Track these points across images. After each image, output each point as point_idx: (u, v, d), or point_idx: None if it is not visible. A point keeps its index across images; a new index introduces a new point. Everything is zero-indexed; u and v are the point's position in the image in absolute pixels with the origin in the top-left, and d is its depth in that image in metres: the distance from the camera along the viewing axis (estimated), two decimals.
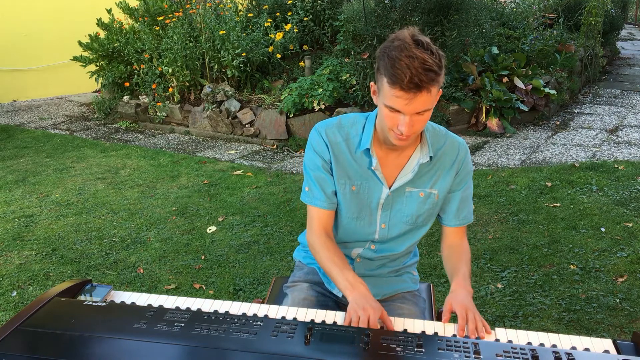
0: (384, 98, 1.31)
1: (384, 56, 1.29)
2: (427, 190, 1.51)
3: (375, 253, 1.59)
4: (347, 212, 1.53)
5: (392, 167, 1.49)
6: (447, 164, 1.51)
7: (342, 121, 1.52)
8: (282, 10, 6.40)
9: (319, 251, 1.48)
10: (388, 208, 1.52)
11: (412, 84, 1.23)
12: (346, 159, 1.49)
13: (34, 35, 7.35)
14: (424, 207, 1.53)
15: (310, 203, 1.52)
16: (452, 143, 1.51)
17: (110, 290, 1.41)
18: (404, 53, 1.24)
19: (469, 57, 5.81)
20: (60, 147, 5.41)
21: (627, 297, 2.66)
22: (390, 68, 1.25)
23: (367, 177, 1.50)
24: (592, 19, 7.18)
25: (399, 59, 1.24)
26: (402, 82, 1.24)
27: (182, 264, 3.13)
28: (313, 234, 1.52)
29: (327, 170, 1.50)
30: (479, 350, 1.13)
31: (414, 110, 1.28)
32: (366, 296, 1.33)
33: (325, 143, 1.49)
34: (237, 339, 1.15)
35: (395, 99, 1.27)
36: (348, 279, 1.39)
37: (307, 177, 1.53)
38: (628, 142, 5.04)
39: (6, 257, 3.26)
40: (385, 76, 1.28)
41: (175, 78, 5.82)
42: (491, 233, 3.36)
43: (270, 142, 5.37)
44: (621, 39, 10.95)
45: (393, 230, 1.55)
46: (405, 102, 1.27)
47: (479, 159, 4.73)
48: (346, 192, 1.51)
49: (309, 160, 1.52)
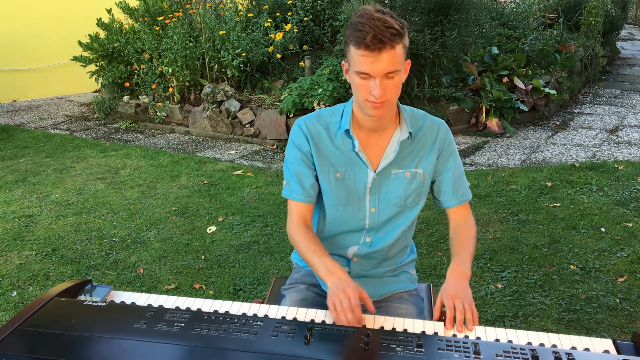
0: (353, 65, 1.35)
1: (349, 26, 1.35)
2: (412, 170, 1.53)
3: (370, 247, 1.59)
4: (334, 200, 1.55)
5: (374, 150, 1.52)
6: (428, 142, 1.53)
7: (321, 113, 1.56)
8: (282, 10, 6.40)
9: (298, 241, 1.50)
10: (376, 192, 1.54)
11: (375, 39, 1.28)
12: (327, 147, 1.52)
13: (34, 35, 7.35)
14: (411, 187, 1.54)
15: (288, 196, 1.56)
16: (431, 123, 1.55)
17: (110, 290, 1.41)
18: (365, 17, 1.31)
19: (469, 57, 5.81)
20: (60, 147, 5.41)
21: (627, 297, 2.66)
22: (354, 32, 1.32)
23: (351, 163, 1.52)
24: (592, 19, 7.18)
25: (361, 22, 1.31)
26: (365, 39, 1.29)
27: (182, 264, 3.13)
28: (292, 226, 1.54)
29: (306, 163, 1.54)
30: (479, 350, 1.13)
31: (382, 70, 1.32)
32: (344, 279, 1.35)
33: (305, 134, 1.53)
34: (237, 339, 1.15)
35: (362, 60, 1.31)
36: (327, 265, 1.40)
37: (286, 171, 1.57)
38: (628, 142, 5.04)
39: (6, 257, 3.26)
40: (351, 43, 1.33)
41: (175, 78, 5.82)
42: (491, 233, 3.36)
43: (270, 142, 5.37)
44: (621, 39, 10.96)
45: (383, 214, 1.56)
46: (372, 59, 1.30)
47: (479, 159, 4.73)
48: (331, 180, 1.53)
49: (289, 153, 1.57)
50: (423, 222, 3.48)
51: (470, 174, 4.33)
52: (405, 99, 5.23)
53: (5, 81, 7.44)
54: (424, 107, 5.26)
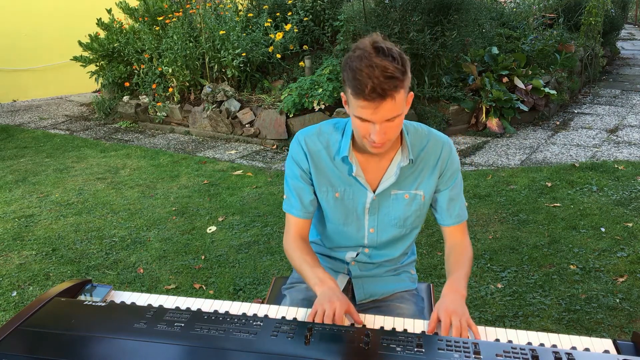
0: (352, 109, 1.31)
1: (346, 67, 1.28)
2: (412, 192, 1.51)
3: (370, 258, 1.60)
4: (333, 219, 1.54)
5: (374, 172, 1.49)
6: (430, 164, 1.50)
7: (322, 128, 1.52)
8: (282, 10, 6.40)
9: (292, 254, 1.50)
10: (375, 212, 1.52)
11: (374, 93, 1.22)
12: (327, 166, 1.50)
13: (34, 35, 7.35)
14: (411, 208, 1.52)
15: (287, 211, 1.55)
16: (435, 142, 1.50)
17: (110, 290, 1.41)
18: (364, 63, 1.23)
19: (469, 57, 5.81)
20: (60, 147, 5.41)
21: (627, 297, 2.66)
22: (352, 80, 1.25)
23: (349, 183, 1.50)
24: (592, 19, 7.18)
25: (359, 69, 1.23)
26: (364, 92, 1.23)
27: (182, 264, 3.13)
28: (289, 240, 1.54)
29: (305, 180, 1.52)
30: (479, 350, 1.13)
31: (382, 118, 1.28)
32: (334, 290, 1.34)
33: (304, 152, 1.50)
34: (237, 339, 1.15)
35: (362, 110, 1.27)
36: (318, 275, 1.40)
37: (286, 185, 1.56)
38: (628, 142, 5.04)
39: (6, 257, 3.26)
40: (349, 87, 1.27)
41: (175, 78, 5.82)
42: (491, 233, 3.36)
43: (270, 142, 5.37)
44: (621, 39, 10.96)
45: (382, 235, 1.55)
46: (371, 111, 1.26)
47: (479, 159, 4.73)
48: (329, 199, 1.52)
49: (288, 169, 1.54)
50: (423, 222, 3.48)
51: (470, 174, 4.33)
52: None
53: (5, 81, 7.44)
54: (424, 107, 5.26)
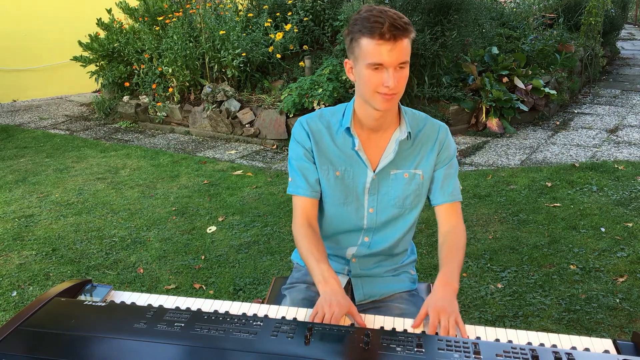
0: (365, 57, 1.34)
1: (356, 23, 1.35)
2: (411, 171, 1.53)
3: (369, 248, 1.59)
4: (333, 199, 1.55)
5: (374, 150, 1.52)
6: (428, 144, 1.54)
7: (323, 112, 1.57)
8: (282, 10, 6.40)
9: (300, 241, 1.50)
10: (375, 192, 1.54)
11: (392, 27, 1.29)
12: (328, 145, 1.53)
13: (34, 35, 7.35)
14: (410, 187, 1.54)
15: (293, 192, 1.56)
16: (432, 125, 1.56)
17: (110, 290, 1.41)
18: (376, 10, 1.32)
19: (469, 57, 5.81)
20: (60, 147, 5.41)
21: (627, 297, 2.66)
22: (367, 23, 1.31)
23: (350, 162, 1.52)
24: (592, 19, 7.18)
25: (373, 14, 1.31)
26: (382, 27, 1.29)
27: (182, 264, 3.13)
28: (296, 224, 1.54)
29: (309, 159, 1.54)
30: (479, 350, 1.13)
31: (396, 59, 1.32)
32: (336, 292, 1.34)
33: (307, 132, 1.54)
34: (237, 339, 1.15)
35: (378, 49, 1.31)
36: (322, 272, 1.40)
37: (290, 167, 1.58)
38: (628, 142, 5.04)
39: (6, 257, 3.26)
40: (363, 35, 1.33)
41: (175, 78, 5.82)
42: (491, 233, 3.36)
43: (270, 142, 5.37)
44: (621, 39, 10.96)
45: (382, 215, 1.56)
46: (389, 47, 1.31)
47: (479, 159, 4.73)
48: (330, 178, 1.54)
49: (292, 151, 1.57)
50: (423, 222, 3.48)
51: (470, 174, 4.33)
52: (405, 99, 5.23)
53: (5, 81, 7.44)
54: (424, 107, 5.26)
